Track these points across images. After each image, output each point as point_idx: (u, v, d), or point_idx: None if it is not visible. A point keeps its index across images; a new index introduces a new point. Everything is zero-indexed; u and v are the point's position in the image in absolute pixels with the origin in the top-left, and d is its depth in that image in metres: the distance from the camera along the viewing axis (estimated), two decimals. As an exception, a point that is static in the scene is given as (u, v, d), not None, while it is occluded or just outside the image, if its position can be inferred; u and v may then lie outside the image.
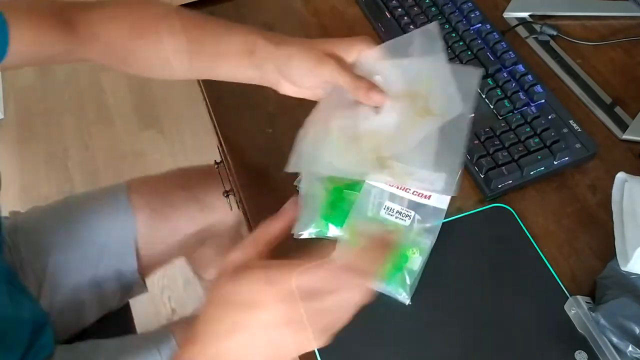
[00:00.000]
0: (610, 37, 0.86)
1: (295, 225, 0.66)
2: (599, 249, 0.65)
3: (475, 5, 0.85)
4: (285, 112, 0.79)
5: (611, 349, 0.56)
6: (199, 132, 1.94)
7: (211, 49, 0.65)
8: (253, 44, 0.62)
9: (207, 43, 0.65)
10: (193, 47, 0.65)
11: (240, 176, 0.74)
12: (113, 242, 0.89)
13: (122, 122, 2.02)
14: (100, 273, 0.88)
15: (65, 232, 0.87)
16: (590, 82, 0.80)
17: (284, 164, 0.75)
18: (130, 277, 0.91)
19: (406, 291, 0.61)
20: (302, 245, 0.66)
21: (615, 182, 0.66)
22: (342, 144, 0.55)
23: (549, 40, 0.86)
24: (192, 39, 0.65)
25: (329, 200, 0.67)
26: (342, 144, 0.55)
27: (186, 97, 2.04)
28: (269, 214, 0.71)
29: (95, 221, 0.89)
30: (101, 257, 0.88)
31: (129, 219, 0.91)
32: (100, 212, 0.90)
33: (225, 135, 0.78)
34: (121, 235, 0.90)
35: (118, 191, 0.94)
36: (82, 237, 0.87)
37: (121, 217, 0.90)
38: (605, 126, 0.76)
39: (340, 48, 0.60)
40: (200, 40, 0.65)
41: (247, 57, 0.62)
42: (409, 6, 0.88)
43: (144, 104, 2.06)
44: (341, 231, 0.65)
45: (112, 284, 0.89)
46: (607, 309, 0.57)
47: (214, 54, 0.65)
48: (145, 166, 1.89)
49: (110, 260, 0.89)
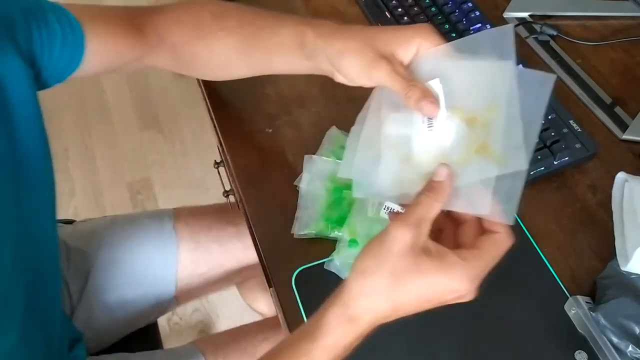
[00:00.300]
0: (610, 37, 0.86)
1: (295, 226, 0.67)
2: (599, 249, 0.65)
3: (475, 5, 0.85)
4: (285, 112, 0.79)
5: (611, 349, 0.56)
6: (199, 132, 1.93)
7: (265, 43, 0.64)
8: (302, 37, 0.60)
9: (261, 38, 0.64)
10: (248, 44, 0.65)
11: (240, 176, 0.74)
12: (154, 269, 0.87)
13: (122, 122, 2.02)
14: (139, 297, 0.86)
15: (107, 254, 0.85)
16: (590, 82, 0.80)
17: (284, 164, 0.75)
18: (167, 304, 0.90)
19: (406, 291, 0.60)
20: (302, 245, 0.67)
21: (615, 182, 0.66)
22: (397, 168, 0.51)
23: (549, 40, 0.85)
24: (247, 34, 0.65)
25: (329, 200, 0.68)
26: (397, 167, 0.51)
27: (186, 97, 2.04)
28: (269, 214, 0.71)
29: (137, 246, 0.87)
30: (140, 283, 0.86)
31: (172, 249, 0.88)
32: (144, 237, 0.88)
33: (225, 135, 0.78)
34: (162, 263, 0.88)
35: (165, 218, 0.91)
36: (124, 260, 0.86)
37: (165, 246, 0.88)
38: (605, 126, 0.76)
39: (398, 42, 0.55)
40: (255, 35, 0.65)
41: (299, 50, 0.61)
42: (409, 6, 0.88)
43: (144, 104, 2.06)
44: (341, 231, 0.65)
45: (148, 308, 0.88)
46: (607, 309, 0.57)
47: (268, 48, 0.64)
48: (146, 166, 1.89)
49: (148, 286, 0.87)
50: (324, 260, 0.64)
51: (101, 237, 0.86)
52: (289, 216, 0.68)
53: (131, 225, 0.90)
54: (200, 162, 1.87)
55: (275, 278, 0.65)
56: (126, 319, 0.87)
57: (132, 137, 1.98)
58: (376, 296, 0.44)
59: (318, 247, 0.66)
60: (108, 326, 0.85)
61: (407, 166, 0.50)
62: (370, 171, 0.51)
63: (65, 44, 0.62)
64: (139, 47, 0.69)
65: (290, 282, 0.63)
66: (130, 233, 0.88)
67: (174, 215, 0.92)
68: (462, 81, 0.52)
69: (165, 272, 0.88)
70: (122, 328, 0.88)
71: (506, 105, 0.49)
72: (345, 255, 0.63)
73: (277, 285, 0.64)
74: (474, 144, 0.49)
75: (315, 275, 0.64)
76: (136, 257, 0.86)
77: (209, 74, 0.74)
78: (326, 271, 0.63)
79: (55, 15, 0.62)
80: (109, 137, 1.97)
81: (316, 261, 0.64)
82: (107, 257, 0.85)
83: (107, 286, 0.84)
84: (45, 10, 0.62)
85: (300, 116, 0.79)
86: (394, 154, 0.51)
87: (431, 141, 0.50)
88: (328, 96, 0.81)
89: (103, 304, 0.84)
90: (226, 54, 0.67)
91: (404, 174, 0.50)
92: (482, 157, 0.48)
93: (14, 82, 0.55)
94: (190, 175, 1.86)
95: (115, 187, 1.81)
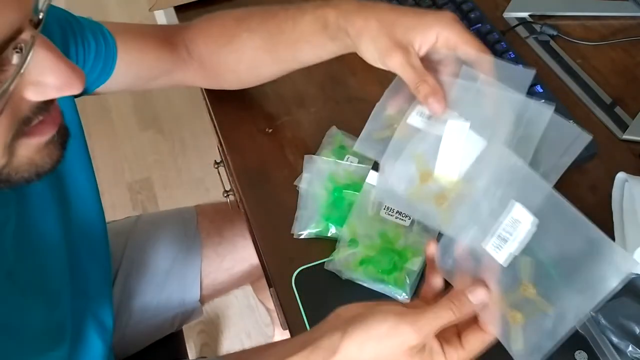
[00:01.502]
0: (610, 37, 0.86)
1: (295, 226, 0.67)
2: (599, 249, 0.65)
3: (475, 5, 0.85)
4: (285, 112, 0.79)
5: (611, 349, 0.56)
6: (199, 132, 1.94)
7: (289, 34, 0.64)
8: (324, 18, 0.61)
9: (285, 29, 0.64)
10: (273, 38, 0.65)
11: (240, 176, 0.74)
12: (178, 267, 0.87)
13: (122, 122, 2.02)
14: (163, 299, 0.85)
15: (130, 256, 0.85)
16: (590, 82, 0.80)
17: (284, 164, 0.75)
18: (191, 306, 0.89)
19: (406, 291, 0.60)
20: (302, 245, 0.67)
21: (615, 182, 0.66)
22: (415, 180, 0.52)
23: (549, 40, 0.85)
24: (271, 29, 0.65)
25: (329, 200, 0.67)
26: (415, 179, 0.52)
27: (186, 97, 2.04)
28: (269, 214, 0.71)
29: (161, 245, 0.87)
30: (165, 283, 0.86)
31: (196, 245, 0.88)
32: (168, 238, 0.88)
33: (225, 135, 0.78)
34: (187, 261, 0.87)
35: (187, 216, 0.91)
36: (149, 260, 0.85)
37: (189, 246, 0.88)
38: (605, 126, 0.76)
39: (417, 30, 0.55)
40: (279, 27, 0.65)
41: (323, 32, 0.61)
42: (409, 6, 0.88)
43: (144, 104, 2.06)
44: (341, 231, 0.65)
45: (172, 312, 0.87)
46: (607, 309, 0.57)
47: (293, 38, 0.64)
48: (146, 166, 1.89)
49: (173, 286, 0.86)
50: (324, 260, 0.64)
51: (125, 240, 0.86)
52: (289, 216, 0.68)
53: (155, 226, 0.89)
54: (200, 162, 1.87)
55: (275, 278, 0.65)
56: (150, 325, 0.86)
57: (132, 137, 1.98)
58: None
59: (318, 247, 0.66)
60: (133, 332, 0.84)
61: (425, 183, 0.51)
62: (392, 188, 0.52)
63: (99, 56, 0.64)
64: (168, 60, 0.70)
65: (290, 282, 0.63)
66: (153, 234, 0.88)
67: (197, 212, 0.92)
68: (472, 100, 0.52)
69: (190, 270, 0.87)
70: (146, 336, 0.87)
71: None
72: (345, 255, 0.63)
73: (277, 285, 0.64)
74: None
75: (315, 275, 0.64)
76: (161, 257, 0.86)
77: (237, 81, 0.74)
78: (326, 271, 0.63)
79: (90, 29, 0.64)
80: (109, 137, 1.97)
81: (316, 261, 0.64)
82: (130, 260, 0.84)
83: (131, 290, 0.83)
84: (82, 23, 0.63)
85: (300, 116, 0.79)
86: (413, 165, 0.51)
87: (453, 153, 0.50)
88: (328, 96, 0.81)
89: (127, 308, 0.83)
90: (253, 54, 0.68)
91: (420, 189, 0.51)
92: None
93: None
94: (190, 175, 1.86)
95: (115, 187, 1.81)
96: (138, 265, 0.84)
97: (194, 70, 0.72)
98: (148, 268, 0.85)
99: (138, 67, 0.69)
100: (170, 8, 0.93)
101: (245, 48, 0.68)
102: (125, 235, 0.86)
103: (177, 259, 0.87)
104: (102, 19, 0.67)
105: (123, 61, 0.66)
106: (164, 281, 0.85)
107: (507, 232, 0.47)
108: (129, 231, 0.87)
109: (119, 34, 0.66)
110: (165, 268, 0.86)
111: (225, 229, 0.91)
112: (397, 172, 0.52)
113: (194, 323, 1.54)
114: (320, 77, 0.83)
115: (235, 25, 0.68)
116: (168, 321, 0.88)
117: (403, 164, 0.52)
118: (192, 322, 1.51)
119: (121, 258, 0.84)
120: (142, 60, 0.69)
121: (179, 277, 0.86)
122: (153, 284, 0.85)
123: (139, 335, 0.85)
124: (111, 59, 0.66)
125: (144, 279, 0.84)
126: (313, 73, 0.82)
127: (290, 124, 0.78)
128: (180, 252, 0.87)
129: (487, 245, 0.47)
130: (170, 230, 0.88)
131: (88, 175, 0.65)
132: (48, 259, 0.57)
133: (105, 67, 0.66)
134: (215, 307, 1.56)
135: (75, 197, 0.62)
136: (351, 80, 0.82)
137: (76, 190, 0.62)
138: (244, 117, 0.79)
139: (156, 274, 0.85)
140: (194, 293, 0.88)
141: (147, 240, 0.87)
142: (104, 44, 0.64)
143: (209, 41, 0.70)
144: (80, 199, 0.63)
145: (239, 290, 1.56)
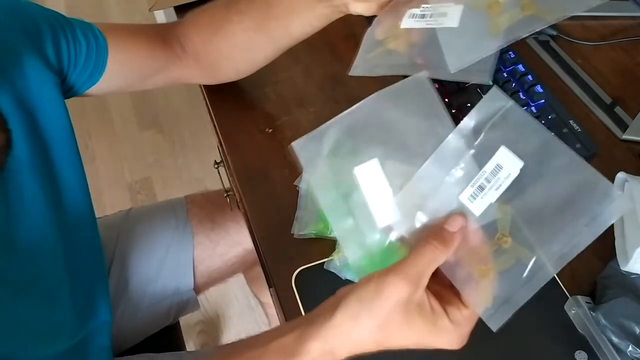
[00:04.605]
0: (610, 37, 0.86)
1: (295, 226, 0.67)
2: (599, 249, 0.65)
3: (475, 5, 0.85)
4: (285, 112, 0.79)
5: (611, 349, 0.56)
6: (199, 132, 1.94)
7: (278, 8, 0.65)
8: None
9: (274, 3, 0.66)
10: (263, 14, 0.66)
11: (240, 176, 0.74)
12: (171, 257, 0.87)
13: (122, 122, 2.02)
14: (158, 289, 0.86)
15: (124, 247, 0.86)
16: (590, 82, 0.80)
17: (284, 164, 0.75)
18: (186, 295, 0.89)
19: (406, 291, 0.60)
20: (302, 245, 0.67)
21: (615, 182, 0.66)
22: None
23: (549, 40, 0.85)
24: (260, 7, 0.66)
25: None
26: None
27: (186, 97, 2.05)
28: (269, 214, 0.71)
29: (153, 236, 0.88)
30: (159, 272, 0.86)
31: (187, 233, 0.89)
32: (159, 229, 0.88)
33: (225, 135, 0.78)
34: (179, 249, 0.88)
35: (177, 205, 0.92)
36: (141, 251, 0.86)
37: (181, 235, 0.89)
38: (605, 126, 0.76)
39: None
40: (267, 3, 0.66)
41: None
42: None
43: (144, 104, 2.06)
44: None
45: (168, 301, 0.88)
46: (607, 309, 0.57)
47: (282, 11, 0.65)
48: (146, 166, 1.89)
49: (167, 276, 0.87)
50: (324, 260, 0.64)
51: (117, 233, 0.86)
52: (289, 216, 0.68)
53: (146, 218, 0.90)
54: (200, 162, 1.88)
55: (275, 278, 0.65)
56: (147, 316, 0.87)
57: (132, 137, 1.98)
58: (362, 342, 0.44)
59: (318, 247, 0.66)
60: (129, 324, 0.85)
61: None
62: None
63: (90, 56, 0.65)
64: (162, 57, 0.70)
65: (290, 282, 0.63)
66: (146, 226, 0.89)
67: (187, 201, 0.93)
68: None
69: (183, 258, 0.88)
70: (143, 327, 0.88)
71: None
72: (345, 255, 0.63)
73: (277, 285, 0.64)
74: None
75: (315, 275, 0.64)
76: (153, 249, 0.87)
77: (233, 69, 0.74)
78: (326, 271, 0.63)
79: (80, 28, 0.64)
80: (109, 137, 1.97)
81: (316, 261, 0.64)
82: (123, 252, 0.85)
83: (126, 282, 0.84)
84: (72, 23, 0.64)
85: (300, 116, 0.79)
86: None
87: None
88: (328, 96, 0.81)
89: (123, 300, 0.84)
90: (246, 37, 0.68)
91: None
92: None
93: (40, 88, 0.58)
94: (190, 175, 1.86)
95: (115, 187, 1.81)
96: (131, 256, 0.85)
97: (190, 66, 0.72)
98: (141, 259, 0.86)
99: (130, 65, 0.69)
100: (170, 8, 0.93)
101: (237, 30, 0.68)
102: (116, 229, 0.87)
103: (170, 247, 0.87)
104: (102, 19, 0.68)
105: (115, 60, 0.67)
106: (158, 271, 0.86)
107: (486, 180, 0.45)
108: (120, 224, 0.88)
109: (109, 33, 0.66)
110: (158, 257, 0.87)
111: (217, 215, 0.92)
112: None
113: (194, 323, 1.54)
114: (320, 77, 0.83)
115: (224, 11, 0.69)
116: (164, 312, 0.89)
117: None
118: (192, 322, 1.51)
119: (114, 251, 0.85)
120: (134, 58, 0.69)
121: (172, 266, 0.87)
122: (147, 274, 0.86)
123: (135, 327, 0.86)
124: (102, 58, 0.66)
125: (138, 269, 0.85)
126: (313, 73, 0.82)
127: (290, 124, 0.78)
128: (173, 240, 0.88)
129: (463, 197, 0.45)
130: (161, 220, 0.89)
131: (77, 172, 0.65)
132: (42, 258, 0.58)
133: (96, 66, 0.66)
134: (215, 307, 1.56)
135: (66, 194, 0.62)
136: (351, 81, 0.82)
137: (66, 186, 0.62)
138: (244, 117, 0.79)
139: (149, 264, 0.86)
140: (187, 280, 0.88)
141: (139, 231, 0.88)
142: (95, 43, 0.65)
143: (202, 31, 0.70)
144: (70, 196, 0.63)
145: (239, 291, 1.57)
